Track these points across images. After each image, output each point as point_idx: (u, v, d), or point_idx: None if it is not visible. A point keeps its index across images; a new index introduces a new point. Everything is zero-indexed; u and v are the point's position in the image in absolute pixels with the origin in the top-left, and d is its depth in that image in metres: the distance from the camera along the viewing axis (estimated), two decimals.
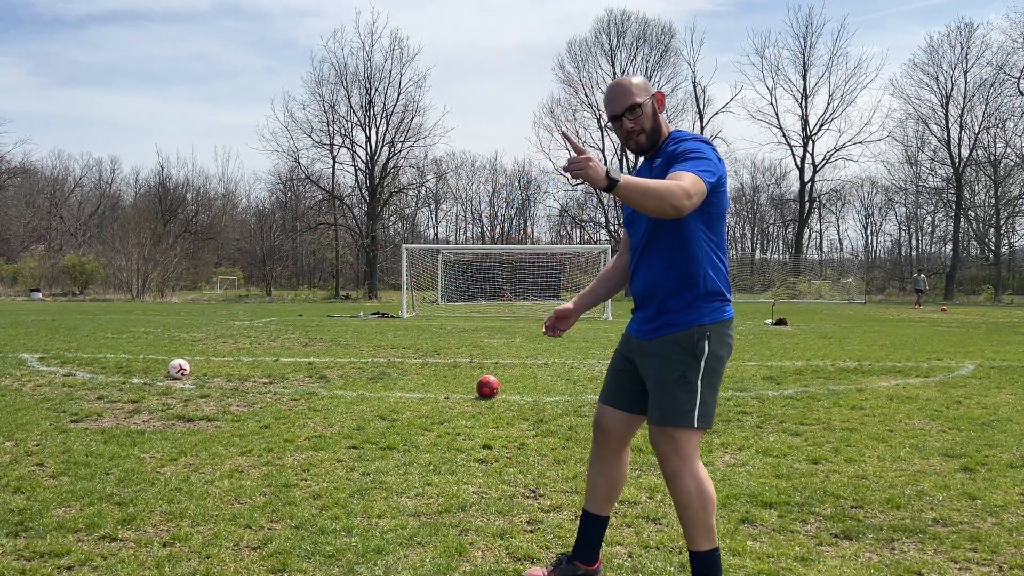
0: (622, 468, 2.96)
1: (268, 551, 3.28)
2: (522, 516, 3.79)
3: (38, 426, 5.80)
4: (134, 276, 40.77)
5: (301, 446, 5.21)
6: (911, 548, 3.40)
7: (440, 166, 59.05)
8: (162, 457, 4.89)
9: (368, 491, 4.16)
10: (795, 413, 6.49)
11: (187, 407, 6.67)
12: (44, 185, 61.25)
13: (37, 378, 8.40)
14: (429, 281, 30.11)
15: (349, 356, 10.99)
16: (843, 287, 45.65)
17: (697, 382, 2.63)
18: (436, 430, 5.75)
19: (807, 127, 50.24)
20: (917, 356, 11.30)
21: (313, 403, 6.90)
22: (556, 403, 6.99)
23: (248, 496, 4.06)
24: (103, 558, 3.19)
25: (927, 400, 7.19)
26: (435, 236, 65.12)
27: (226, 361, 10.22)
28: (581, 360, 10.57)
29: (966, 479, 4.46)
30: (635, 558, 3.25)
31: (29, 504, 3.87)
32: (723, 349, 2.69)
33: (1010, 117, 45.62)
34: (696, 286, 2.66)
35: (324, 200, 51.31)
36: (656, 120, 2.77)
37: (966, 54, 46.37)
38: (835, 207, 60.36)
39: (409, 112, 47.14)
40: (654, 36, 50.75)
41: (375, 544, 3.36)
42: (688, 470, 2.64)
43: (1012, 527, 3.64)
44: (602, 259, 25.73)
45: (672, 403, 2.63)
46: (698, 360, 2.64)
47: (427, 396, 7.37)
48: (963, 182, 47.14)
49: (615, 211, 52.73)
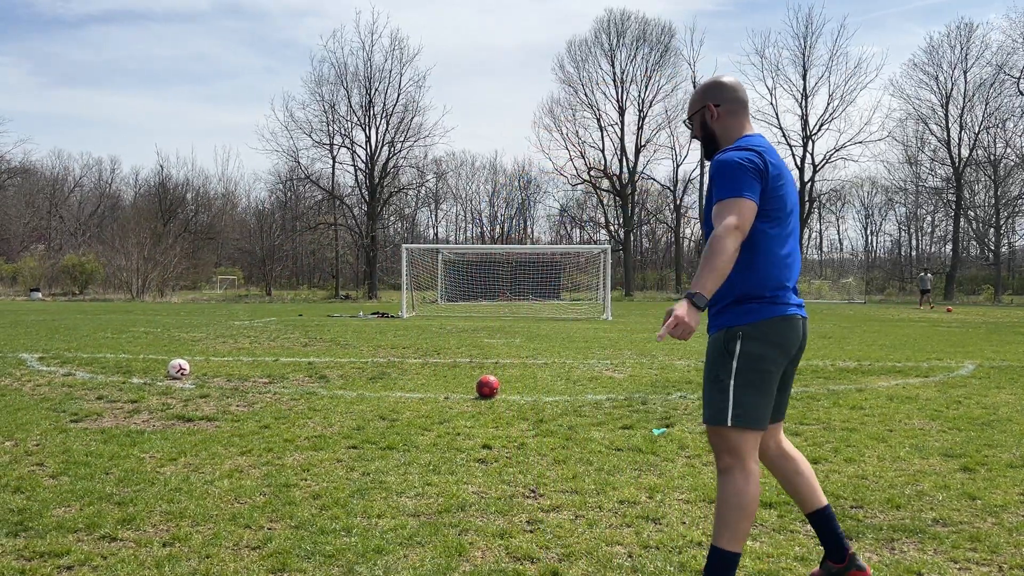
0: (791, 457, 2.97)
1: (268, 551, 3.28)
2: (522, 516, 3.79)
3: (38, 426, 5.80)
4: (134, 276, 40.77)
5: (301, 446, 5.21)
6: (911, 548, 3.40)
7: (440, 166, 59.14)
8: (162, 457, 4.89)
9: (368, 491, 4.16)
10: (795, 413, 6.48)
11: (187, 407, 6.67)
12: (44, 185, 61.25)
13: (37, 378, 8.40)
14: (429, 281, 30.10)
15: (349, 356, 10.99)
16: (843, 287, 45.67)
17: (730, 382, 2.69)
18: (436, 430, 5.75)
19: (807, 127, 50.23)
20: (917, 356, 11.30)
21: (313, 403, 6.90)
22: (556, 403, 6.99)
23: (248, 496, 4.06)
24: (103, 558, 3.19)
25: (927, 400, 7.19)
26: (435, 236, 65.13)
27: (226, 361, 10.22)
28: (581, 360, 10.57)
29: (966, 479, 4.46)
30: (635, 558, 3.25)
31: (29, 504, 3.87)
32: (762, 348, 2.69)
33: (1010, 117, 45.67)
34: (733, 288, 2.74)
35: (324, 200, 51.31)
36: (706, 130, 2.91)
37: (966, 54, 46.40)
38: (835, 207, 60.35)
39: (409, 112, 47.19)
40: (654, 36, 50.79)
41: (375, 544, 3.36)
42: (738, 469, 2.69)
43: (1012, 527, 3.64)
44: (602, 259, 25.72)
45: (708, 402, 2.75)
46: (730, 359, 2.69)
47: (427, 396, 7.37)
48: (963, 182, 47.14)
49: (615, 212, 52.74)
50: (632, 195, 51.05)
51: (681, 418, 6.27)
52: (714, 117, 2.88)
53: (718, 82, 2.91)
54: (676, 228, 55.02)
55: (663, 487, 4.27)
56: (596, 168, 51.64)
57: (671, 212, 55.63)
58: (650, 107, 50.89)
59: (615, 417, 6.28)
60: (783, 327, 2.74)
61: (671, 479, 4.45)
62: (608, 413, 6.47)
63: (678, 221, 54.67)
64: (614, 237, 51.00)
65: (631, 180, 50.58)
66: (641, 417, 6.29)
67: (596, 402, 7.06)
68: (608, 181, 51.43)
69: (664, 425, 5.97)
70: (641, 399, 7.19)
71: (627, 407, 6.77)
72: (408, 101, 47.30)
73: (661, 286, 55.56)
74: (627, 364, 10.10)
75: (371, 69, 46.78)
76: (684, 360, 10.56)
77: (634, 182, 50.88)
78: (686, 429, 5.83)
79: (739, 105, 2.88)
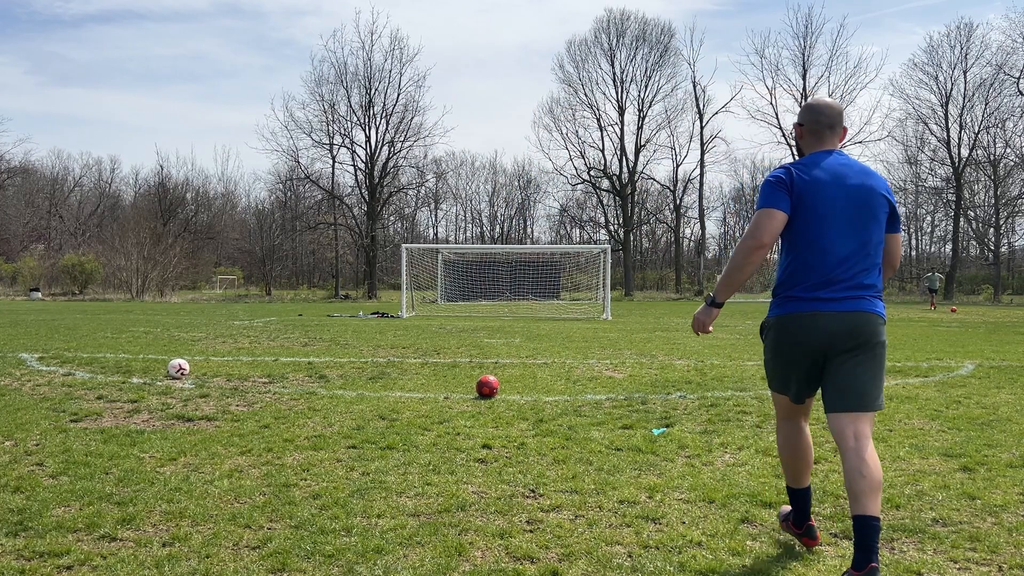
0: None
1: (268, 551, 3.28)
2: (522, 516, 3.79)
3: (37, 426, 5.80)
4: (133, 276, 40.77)
5: (301, 446, 5.21)
6: (910, 548, 3.40)
7: (440, 166, 59.08)
8: (162, 457, 4.89)
9: (368, 491, 4.16)
10: None
11: (187, 407, 6.67)
12: (44, 184, 61.24)
13: (36, 378, 8.40)
14: (429, 281, 30.11)
15: (349, 356, 10.99)
16: None
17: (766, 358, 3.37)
18: (436, 430, 5.75)
19: None
20: (917, 356, 11.30)
21: (313, 403, 6.90)
22: (556, 403, 6.99)
23: (248, 496, 4.06)
24: (102, 558, 3.19)
25: (926, 400, 7.19)
26: (435, 236, 65.12)
27: (226, 361, 10.22)
28: (580, 360, 10.57)
29: (965, 479, 4.46)
30: (635, 558, 3.26)
31: (28, 504, 3.87)
32: (783, 336, 3.20)
33: (1010, 117, 45.63)
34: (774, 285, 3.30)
35: (324, 200, 51.33)
36: (796, 146, 3.42)
37: (966, 54, 46.38)
38: None
39: (409, 112, 47.22)
40: (654, 36, 50.79)
41: (374, 544, 3.36)
42: (777, 425, 3.51)
43: (1011, 527, 3.64)
44: (601, 259, 25.72)
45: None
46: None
47: (427, 396, 7.37)
48: (963, 182, 47.12)
49: (615, 211, 52.74)
50: (632, 195, 51.06)
51: (681, 418, 6.27)
52: (799, 136, 3.32)
53: (807, 104, 3.32)
54: (676, 228, 55.01)
55: (663, 487, 4.28)
56: (596, 168, 51.67)
57: (671, 212, 55.62)
58: (650, 107, 50.96)
59: (615, 417, 6.28)
60: (795, 322, 3.16)
61: (671, 479, 4.45)
62: (608, 413, 6.47)
63: (678, 221, 54.67)
64: (614, 237, 51.00)
65: (631, 180, 50.58)
66: (641, 417, 6.29)
67: (596, 402, 7.06)
68: (608, 181, 51.44)
69: (664, 425, 5.97)
70: (641, 399, 7.19)
71: (627, 407, 6.77)
72: (408, 101, 47.38)
73: (661, 286, 55.57)
74: (627, 364, 10.10)
75: (371, 69, 46.85)
76: (684, 360, 10.56)
77: (634, 182, 50.89)
78: (686, 429, 5.83)
79: (820, 126, 3.23)
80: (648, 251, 64.99)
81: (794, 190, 3.09)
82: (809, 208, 3.08)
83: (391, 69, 47.41)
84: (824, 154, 3.20)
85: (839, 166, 3.14)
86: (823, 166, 3.14)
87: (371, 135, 47.04)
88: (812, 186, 3.08)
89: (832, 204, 3.07)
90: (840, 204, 3.08)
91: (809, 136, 3.26)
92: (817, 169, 3.12)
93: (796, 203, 3.09)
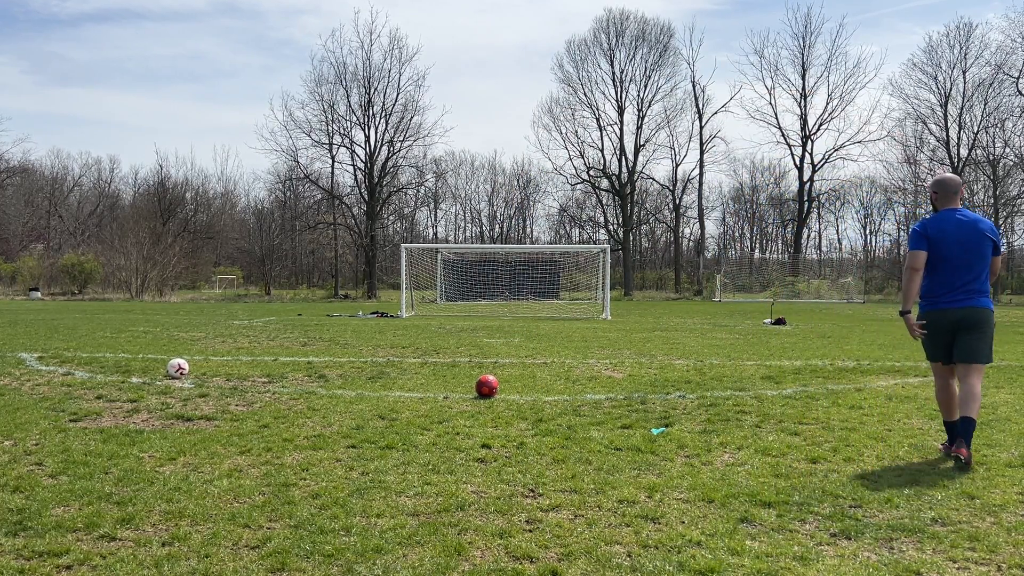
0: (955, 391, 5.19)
1: (267, 550, 3.28)
2: (521, 515, 3.79)
3: (37, 425, 5.80)
4: (133, 275, 40.75)
5: (300, 445, 5.22)
6: (910, 547, 3.40)
7: (439, 165, 59.05)
8: (161, 456, 4.89)
9: (367, 490, 4.16)
10: (794, 412, 6.49)
11: (186, 406, 6.67)
12: (43, 184, 61.19)
13: (36, 377, 8.39)
14: (428, 280, 30.10)
15: (348, 355, 10.98)
16: (842, 286, 45.68)
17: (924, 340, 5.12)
18: (435, 429, 5.75)
19: (806, 127, 50.26)
20: (916, 355, 11.30)
21: (312, 402, 6.90)
22: (555, 403, 6.99)
23: (247, 495, 4.06)
24: (102, 557, 3.20)
25: (926, 399, 7.19)
26: (434, 236, 65.11)
27: (225, 360, 10.22)
28: (580, 360, 10.57)
29: (965, 478, 4.47)
30: (634, 557, 3.26)
31: (28, 503, 3.87)
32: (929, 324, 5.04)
33: (1009, 117, 45.60)
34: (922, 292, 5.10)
35: (323, 200, 51.26)
36: (933, 205, 5.13)
37: (965, 54, 46.37)
38: (834, 207, 60.41)
39: (408, 111, 47.14)
40: (653, 36, 50.76)
41: (374, 543, 3.36)
42: (935, 382, 5.21)
43: (1010, 526, 3.65)
44: (601, 259, 25.72)
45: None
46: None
47: (426, 395, 7.37)
48: (962, 181, 47.11)
49: (614, 211, 52.74)
50: (631, 195, 51.05)
51: (680, 417, 6.27)
52: (934, 199, 5.11)
53: (937, 179, 5.12)
54: (675, 228, 55.02)
55: (662, 486, 4.28)
56: (595, 168, 51.66)
57: (670, 212, 55.62)
58: (649, 107, 50.93)
59: (614, 417, 6.28)
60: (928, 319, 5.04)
61: (670, 478, 4.45)
62: (607, 413, 6.47)
63: (677, 221, 54.67)
64: (613, 237, 51.00)
65: (630, 180, 50.57)
66: (640, 417, 6.29)
67: (595, 402, 7.06)
68: (607, 181, 51.43)
69: (663, 424, 5.97)
70: (640, 399, 7.20)
71: (626, 407, 6.77)
72: (407, 100, 47.30)
73: (660, 286, 55.57)
74: (626, 364, 10.10)
75: (370, 68, 46.78)
76: (683, 360, 10.56)
77: (633, 182, 50.88)
78: (685, 428, 5.83)
79: (947, 193, 5.05)
80: (647, 251, 64.99)
81: (929, 236, 4.95)
82: (938, 248, 4.94)
83: (390, 69, 47.38)
84: (951, 211, 5.01)
85: (957, 219, 4.95)
86: (948, 220, 4.96)
87: (370, 135, 47.04)
88: (940, 234, 4.94)
89: (951, 248, 4.91)
90: (957, 248, 4.91)
91: (940, 200, 5.06)
92: (944, 223, 4.96)
93: (930, 247, 4.94)
